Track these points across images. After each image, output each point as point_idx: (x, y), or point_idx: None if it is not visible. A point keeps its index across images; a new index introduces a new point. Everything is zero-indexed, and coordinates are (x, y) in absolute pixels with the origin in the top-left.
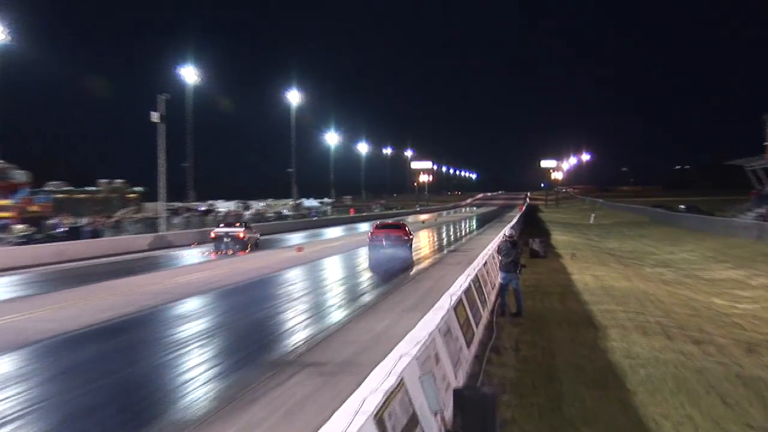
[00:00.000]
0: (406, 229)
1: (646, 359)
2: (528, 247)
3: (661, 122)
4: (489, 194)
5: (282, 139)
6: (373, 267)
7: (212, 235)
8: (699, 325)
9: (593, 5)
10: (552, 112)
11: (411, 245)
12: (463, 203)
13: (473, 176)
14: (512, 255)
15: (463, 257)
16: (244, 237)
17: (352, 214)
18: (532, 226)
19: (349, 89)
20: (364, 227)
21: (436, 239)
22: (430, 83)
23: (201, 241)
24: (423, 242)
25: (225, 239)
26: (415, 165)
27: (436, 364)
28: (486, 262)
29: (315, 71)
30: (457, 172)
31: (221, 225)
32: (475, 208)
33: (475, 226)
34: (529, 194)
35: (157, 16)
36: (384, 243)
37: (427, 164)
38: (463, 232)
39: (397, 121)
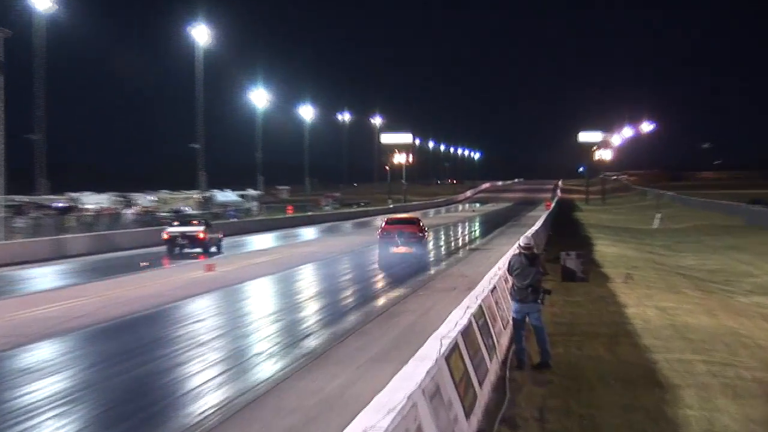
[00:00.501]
0: (420, 224)
1: None
2: (559, 263)
3: (763, 79)
4: (500, 183)
5: (190, 106)
6: (383, 267)
7: (164, 236)
8: None
9: None
10: (596, 62)
11: (426, 242)
12: (461, 197)
13: (476, 156)
14: (530, 276)
15: (459, 281)
16: (204, 238)
17: (290, 213)
18: (565, 232)
19: (289, 33)
20: (308, 234)
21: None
22: (409, 24)
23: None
24: (398, 257)
25: (180, 241)
26: (388, 139)
27: None
28: (495, 288)
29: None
30: (453, 151)
31: (175, 223)
32: (478, 205)
33: (477, 233)
34: (560, 183)
35: None
36: (397, 240)
37: (406, 138)
38: (460, 242)
39: (361, 79)
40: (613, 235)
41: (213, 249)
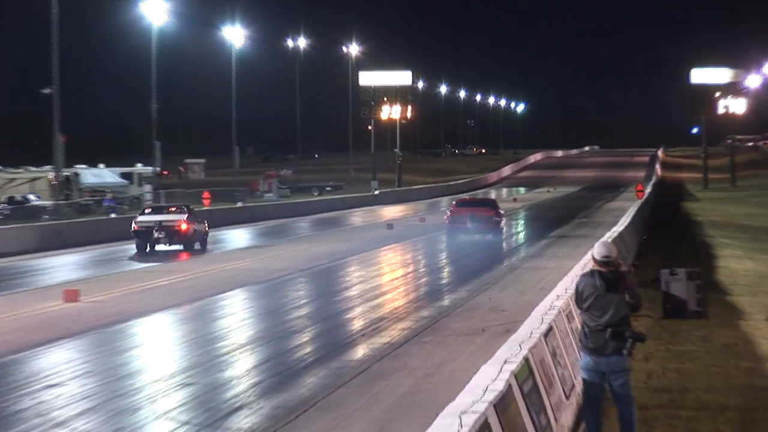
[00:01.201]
0: (497, 207)
1: None
2: (659, 288)
3: None
4: (559, 154)
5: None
6: (451, 257)
7: (134, 227)
8: None
9: None
10: None
11: (503, 228)
12: (494, 177)
13: (519, 109)
14: (610, 309)
15: (490, 317)
16: (188, 230)
17: (206, 205)
18: (668, 235)
19: None
20: (237, 238)
21: (419, 269)
22: None
23: None
24: (389, 279)
25: (156, 234)
26: (371, 79)
27: None
28: (551, 330)
29: None
30: (479, 100)
31: (147, 210)
32: (522, 191)
33: (522, 238)
34: (660, 154)
35: None
36: (468, 225)
37: (401, 78)
38: (493, 253)
39: None
40: (750, 241)
41: (197, 245)
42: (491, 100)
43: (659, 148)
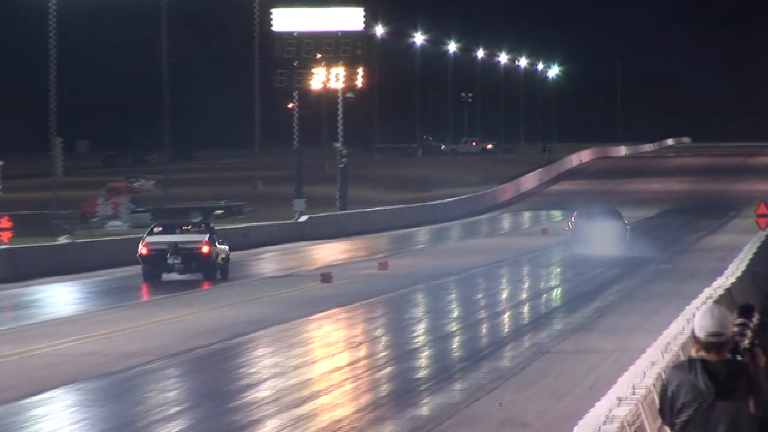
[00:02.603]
0: (622, 218)
1: None
2: None
3: None
4: (622, 151)
5: None
6: (436, 328)
7: (142, 250)
8: None
9: None
10: None
11: (629, 242)
12: (507, 192)
13: (554, 75)
14: (720, 426)
15: None
16: (209, 252)
17: (5, 242)
18: None
19: None
20: (58, 300)
21: (378, 352)
22: None
23: None
24: (326, 370)
25: (171, 259)
26: (290, 21)
27: None
28: None
29: None
30: (482, 58)
31: (157, 229)
32: (557, 216)
33: (558, 296)
34: None
35: None
36: (591, 236)
37: (347, 19)
38: (508, 322)
39: None
40: None
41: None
42: (503, 58)
43: None
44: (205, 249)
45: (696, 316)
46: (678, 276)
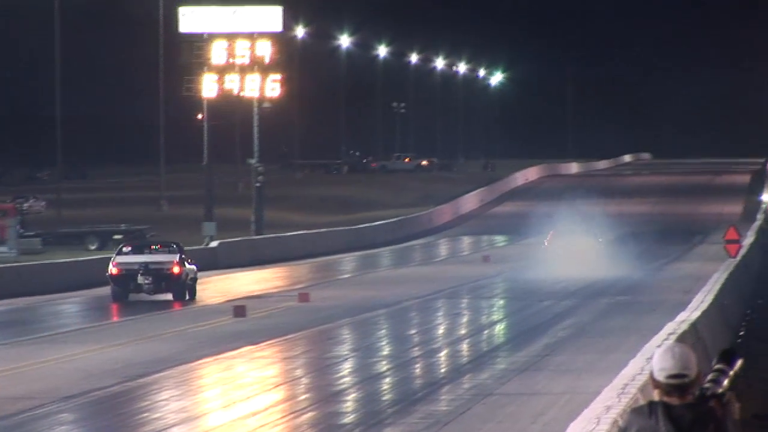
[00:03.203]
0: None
1: None
2: None
3: None
4: (573, 169)
5: None
6: (363, 369)
7: (113, 270)
8: None
9: None
10: None
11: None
12: (444, 214)
13: (495, 82)
14: None
15: None
16: (180, 273)
17: None
18: None
19: None
20: None
21: (299, 394)
22: None
23: None
24: (233, 417)
25: (141, 279)
26: (199, 21)
27: None
28: None
29: None
30: (416, 62)
31: (125, 249)
32: (500, 242)
33: (502, 335)
34: None
35: None
36: (568, 254)
37: (264, 19)
38: (444, 363)
39: None
40: None
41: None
42: (439, 63)
43: None
44: (176, 269)
45: (655, 356)
46: (637, 309)
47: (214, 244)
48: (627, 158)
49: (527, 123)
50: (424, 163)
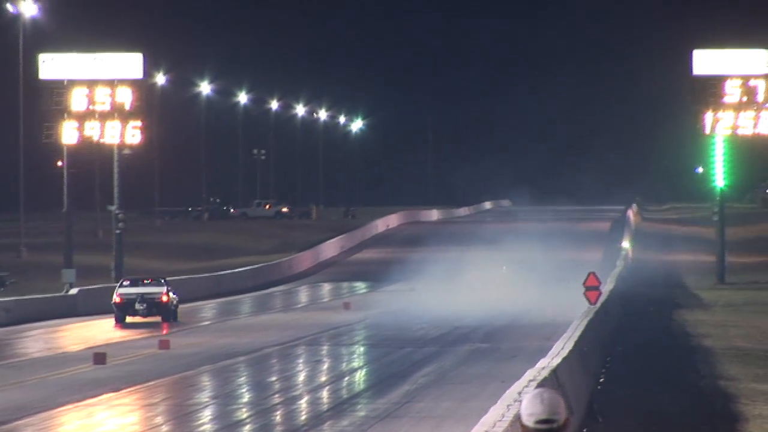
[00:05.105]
0: None
1: None
2: None
3: None
4: (434, 216)
5: None
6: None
7: (116, 299)
8: None
9: None
10: None
11: None
12: (305, 261)
13: (356, 128)
14: None
15: None
16: (168, 300)
17: None
18: (643, 374)
19: None
20: None
21: None
22: None
23: None
24: None
25: (138, 306)
26: (59, 67)
27: None
28: None
29: None
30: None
31: (125, 283)
32: (360, 288)
33: (363, 381)
34: (632, 213)
35: None
36: None
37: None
38: (298, 406)
39: None
40: None
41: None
42: (300, 110)
43: (631, 203)
44: (165, 298)
45: (524, 401)
46: (497, 356)
47: (73, 291)
48: (488, 205)
49: (388, 170)
50: (284, 209)
